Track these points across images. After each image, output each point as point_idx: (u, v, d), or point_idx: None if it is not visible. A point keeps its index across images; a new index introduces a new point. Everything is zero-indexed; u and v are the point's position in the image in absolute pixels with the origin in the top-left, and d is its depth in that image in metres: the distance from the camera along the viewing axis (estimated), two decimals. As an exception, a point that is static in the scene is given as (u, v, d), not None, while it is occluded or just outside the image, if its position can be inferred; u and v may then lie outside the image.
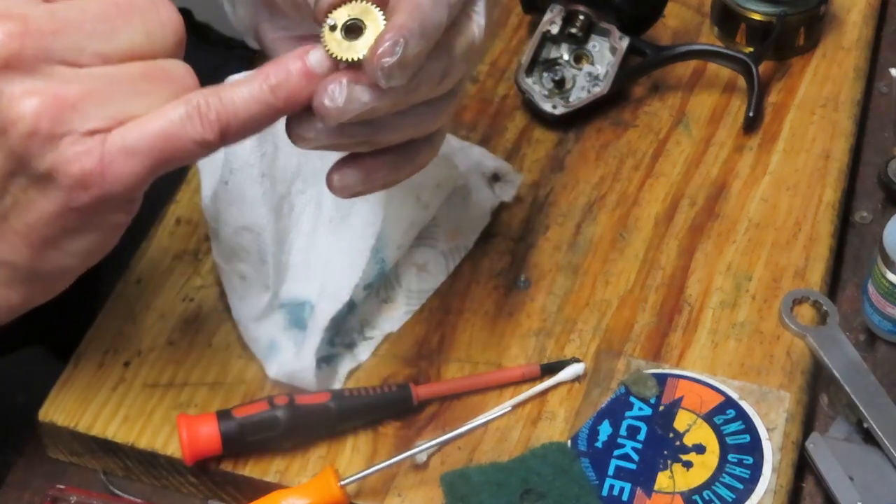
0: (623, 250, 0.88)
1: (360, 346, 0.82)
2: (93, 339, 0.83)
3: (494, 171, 0.88)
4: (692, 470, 0.76)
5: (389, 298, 0.84)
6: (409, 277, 0.84)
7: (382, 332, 0.83)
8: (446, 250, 0.86)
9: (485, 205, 0.88)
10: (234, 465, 0.77)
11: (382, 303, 0.83)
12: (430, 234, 0.85)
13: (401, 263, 0.84)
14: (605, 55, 0.95)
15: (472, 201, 0.87)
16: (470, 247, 0.87)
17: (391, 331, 0.83)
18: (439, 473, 0.76)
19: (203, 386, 0.81)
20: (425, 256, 0.85)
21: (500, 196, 0.88)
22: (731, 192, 0.91)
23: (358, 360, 0.82)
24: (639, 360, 0.82)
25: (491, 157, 0.89)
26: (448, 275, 0.86)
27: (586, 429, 0.78)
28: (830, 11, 1.01)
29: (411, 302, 0.84)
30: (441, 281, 0.85)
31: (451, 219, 0.86)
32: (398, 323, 0.83)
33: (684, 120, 0.95)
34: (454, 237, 0.86)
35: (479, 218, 0.87)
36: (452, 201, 0.86)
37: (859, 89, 0.98)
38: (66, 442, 0.80)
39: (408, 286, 0.84)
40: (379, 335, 0.83)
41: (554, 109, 0.94)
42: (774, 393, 0.80)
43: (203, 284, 0.86)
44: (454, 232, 0.86)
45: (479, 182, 0.88)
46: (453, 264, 0.86)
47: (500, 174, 0.89)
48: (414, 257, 0.85)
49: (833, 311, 0.82)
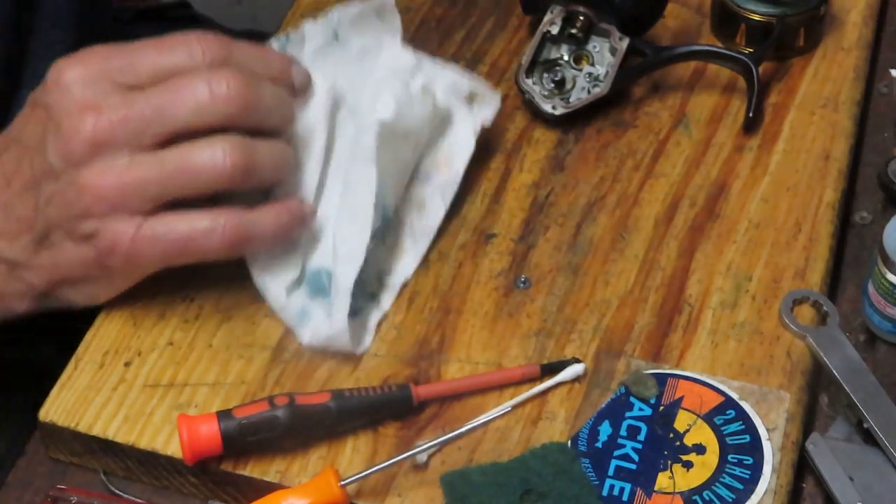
0: (623, 251, 0.88)
1: (382, 296, 0.84)
2: (93, 339, 0.83)
3: (470, 91, 0.89)
4: (692, 470, 0.76)
5: (396, 242, 0.86)
6: (410, 216, 0.86)
7: (399, 280, 0.85)
8: (440, 183, 0.88)
9: (467, 129, 0.89)
10: (235, 465, 0.77)
11: (390, 248, 0.85)
12: (421, 169, 0.87)
13: (402, 204, 0.86)
14: (605, 56, 0.95)
15: (454, 127, 0.89)
16: (461, 174, 0.88)
17: (407, 277, 0.85)
18: (439, 473, 0.76)
19: (203, 386, 0.81)
20: (420, 193, 0.87)
21: (480, 118, 0.89)
22: (731, 193, 0.91)
23: (383, 309, 0.83)
24: (639, 361, 0.82)
25: (466, 78, 0.90)
26: (446, 209, 0.87)
27: (586, 429, 0.78)
28: (830, 12, 1.01)
29: (417, 244, 0.86)
30: (440, 217, 0.87)
31: (439, 149, 0.88)
32: (410, 269, 0.85)
33: (684, 120, 0.96)
34: (444, 167, 0.88)
35: (465, 143, 0.88)
36: (436, 130, 0.88)
37: (859, 90, 0.98)
38: (66, 442, 0.80)
39: (410, 225, 0.86)
40: (397, 282, 0.84)
41: (554, 110, 0.94)
42: (774, 393, 0.80)
43: (203, 284, 0.86)
44: (443, 162, 0.88)
45: (457, 105, 0.89)
46: (449, 197, 0.88)
47: (475, 92, 0.90)
48: (409, 195, 0.87)
49: (833, 312, 0.82)
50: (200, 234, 0.78)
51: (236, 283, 0.86)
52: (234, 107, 0.77)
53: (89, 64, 0.77)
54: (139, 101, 0.76)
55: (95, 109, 0.76)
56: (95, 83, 0.77)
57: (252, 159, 0.77)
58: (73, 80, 0.77)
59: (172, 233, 0.77)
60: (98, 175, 0.76)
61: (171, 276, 0.86)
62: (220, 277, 0.86)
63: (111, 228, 0.77)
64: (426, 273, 0.86)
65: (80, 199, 0.76)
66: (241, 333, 0.83)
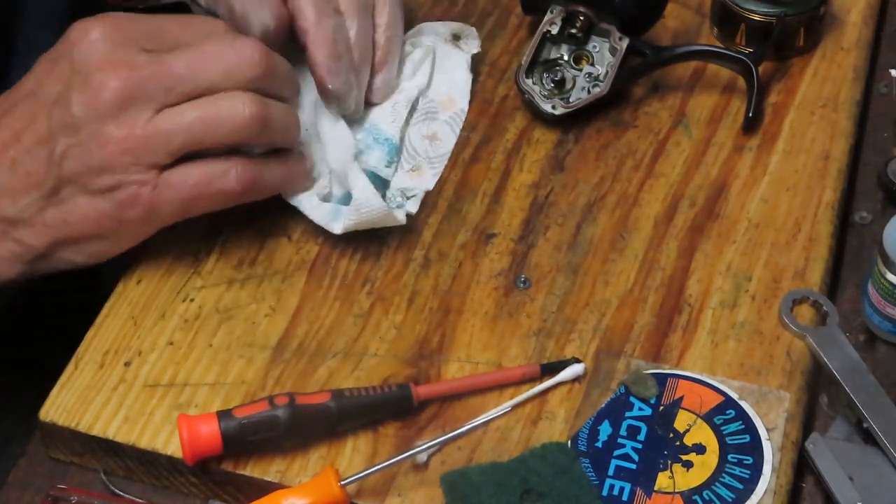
0: (623, 251, 0.88)
1: (407, 203, 0.90)
2: (93, 339, 0.83)
3: (453, 33, 0.96)
4: (692, 470, 0.76)
5: (416, 167, 0.92)
6: (425, 147, 0.93)
7: (421, 189, 0.91)
8: (447, 118, 0.94)
9: (459, 64, 0.96)
10: (235, 464, 0.77)
11: (411, 171, 0.92)
12: (429, 109, 0.94)
13: (414, 138, 0.93)
14: (605, 56, 0.95)
15: (448, 66, 0.95)
16: (466, 110, 0.95)
17: (428, 188, 0.91)
18: (439, 473, 0.76)
19: (203, 386, 0.81)
20: (432, 128, 0.94)
21: (469, 51, 0.96)
22: (731, 193, 0.91)
23: (409, 210, 0.89)
24: (639, 361, 0.82)
25: (443, 24, 0.97)
26: (456, 137, 0.94)
27: (586, 429, 0.78)
28: (830, 12, 1.01)
29: (435, 165, 0.92)
30: (452, 143, 0.93)
31: (440, 90, 0.95)
32: (431, 182, 0.91)
33: (684, 120, 0.96)
34: (448, 105, 0.95)
35: (462, 79, 0.96)
36: (432, 76, 0.95)
37: (859, 90, 0.98)
38: (66, 442, 0.80)
39: (426, 154, 0.93)
40: (420, 191, 0.91)
41: (554, 110, 0.94)
42: (774, 393, 0.80)
43: (203, 284, 0.86)
44: (447, 101, 0.95)
45: (445, 47, 0.96)
46: (457, 128, 0.94)
47: (459, 34, 0.96)
48: (422, 129, 0.94)
49: (833, 312, 0.82)
50: (216, 176, 0.80)
51: (236, 283, 0.86)
52: (257, 70, 0.80)
53: (115, 25, 0.79)
54: (168, 59, 0.79)
55: (126, 65, 0.78)
56: (122, 43, 0.78)
57: (269, 115, 0.81)
58: (100, 37, 0.78)
59: (190, 178, 0.80)
60: (123, 128, 0.78)
61: (172, 276, 0.86)
62: (221, 277, 0.86)
63: (132, 180, 0.78)
64: (426, 273, 0.87)
65: (103, 151, 0.78)
66: (241, 333, 0.83)
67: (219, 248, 0.88)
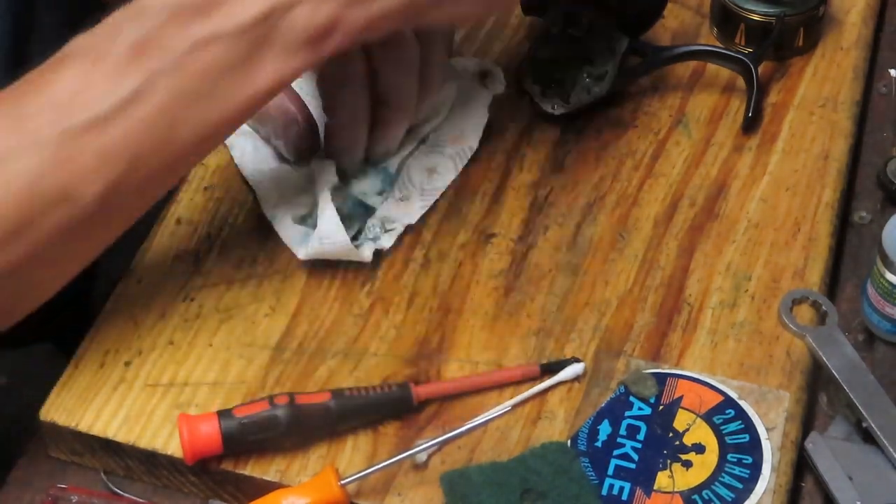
0: (623, 250, 0.88)
1: (382, 237, 0.88)
2: (93, 339, 0.83)
3: (481, 70, 0.95)
4: (692, 469, 0.77)
5: (405, 197, 0.90)
6: (422, 178, 0.91)
7: (402, 224, 0.89)
8: (452, 153, 0.92)
9: (480, 103, 0.94)
10: (235, 464, 0.77)
11: (400, 201, 0.90)
12: (437, 142, 0.93)
13: (413, 168, 0.91)
14: (605, 56, 0.95)
15: (469, 104, 0.94)
16: (475, 147, 0.93)
17: (409, 223, 0.89)
18: (439, 473, 0.77)
19: (203, 386, 0.81)
20: (434, 160, 0.92)
21: (493, 90, 0.94)
22: (731, 193, 0.91)
23: (382, 245, 0.87)
24: (638, 360, 0.82)
25: (472, 60, 0.96)
26: (457, 174, 0.92)
27: (586, 428, 0.78)
28: (829, 12, 1.01)
29: (425, 198, 0.90)
30: (451, 179, 0.91)
31: (453, 126, 0.93)
32: (415, 216, 0.89)
33: (684, 120, 0.96)
34: (458, 141, 0.93)
35: (478, 118, 0.94)
36: (451, 110, 0.94)
37: (858, 90, 0.98)
38: (66, 441, 0.80)
39: (421, 186, 0.91)
40: (399, 226, 0.88)
41: (554, 110, 0.94)
42: (774, 393, 0.80)
43: (203, 284, 0.86)
44: (457, 137, 0.93)
45: (470, 84, 0.95)
46: (461, 164, 0.92)
47: (486, 71, 0.95)
48: (424, 162, 0.92)
49: (832, 311, 0.82)
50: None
51: (236, 283, 0.86)
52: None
53: None
54: None
55: None
56: None
57: None
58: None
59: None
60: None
61: (172, 276, 0.86)
62: (221, 277, 0.86)
63: None
64: (426, 273, 0.87)
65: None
66: (241, 333, 0.83)
67: (219, 248, 0.88)
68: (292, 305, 0.85)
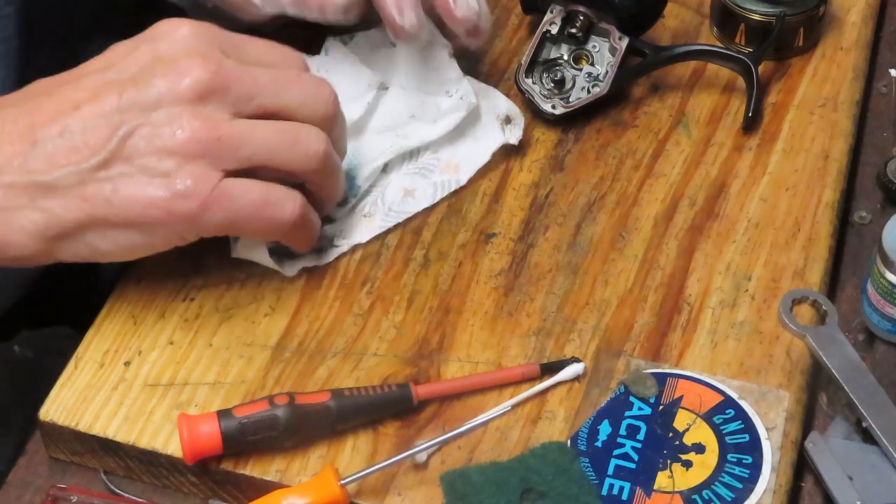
0: (623, 250, 0.88)
1: (326, 252, 0.86)
2: (93, 338, 0.83)
3: (507, 114, 0.92)
4: (691, 469, 0.77)
5: (370, 213, 0.88)
6: (395, 198, 0.89)
7: (350, 243, 0.87)
8: (438, 182, 0.90)
9: (488, 145, 0.91)
10: (235, 464, 0.77)
11: (363, 217, 0.88)
12: (427, 165, 0.91)
13: (392, 186, 0.90)
14: (605, 55, 0.95)
15: (479, 141, 0.92)
16: (463, 182, 0.90)
17: (359, 241, 0.87)
18: (439, 473, 0.77)
19: (203, 385, 0.81)
20: (415, 183, 0.90)
21: (509, 138, 0.92)
22: (731, 192, 0.91)
23: (320, 261, 0.86)
24: (638, 360, 0.82)
25: (504, 99, 0.93)
26: (432, 203, 0.89)
27: (586, 428, 0.78)
28: (830, 12, 1.01)
29: (387, 219, 0.88)
30: (424, 206, 0.89)
31: (453, 154, 0.91)
32: (368, 235, 0.87)
33: (684, 120, 0.96)
34: (449, 171, 0.91)
35: (480, 157, 0.91)
36: (461, 137, 0.92)
37: (858, 89, 0.98)
38: (66, 441, 0.80)
39: (390, 206, 0.89)
40: (346, 245, 0.87)
41: (554, 109, 0.94)
42: (774, 392, 0.80)
43: (203, 284, 0.86)
44: (452, 166, 0.91)
45: (491, 122, 0.92)
46: (441, 195, 0.90)
47: (511, 117, 0.92)
48: (404, 182, 0.90)
49: (832, 311, 0.82)
50: (274, 203, 0.79)
51: (236, 283, 0.86)
52: (330, 110, 0.81)
53: (204, 27, 0.79)
54: (254, 70, 0.78)
55: (214, 61, 0.77)
56: (211, 43, 0.78)
57: (333, 159, 0.82)
58: (189, 33, 0.78)
59: (250, 194, 0.78)
60: (201, 119, 0.76)
61: (172, 276, 0.86)
62: (221, 277, 0.86)
63: (195, 172, 0.76)
64: (426, 273, 0.87)
65: (175, 134, 0.75)
66: (241, 333, 0.83)
67: (219, 248, 0.88)
68: (292, 305, 0.85)
